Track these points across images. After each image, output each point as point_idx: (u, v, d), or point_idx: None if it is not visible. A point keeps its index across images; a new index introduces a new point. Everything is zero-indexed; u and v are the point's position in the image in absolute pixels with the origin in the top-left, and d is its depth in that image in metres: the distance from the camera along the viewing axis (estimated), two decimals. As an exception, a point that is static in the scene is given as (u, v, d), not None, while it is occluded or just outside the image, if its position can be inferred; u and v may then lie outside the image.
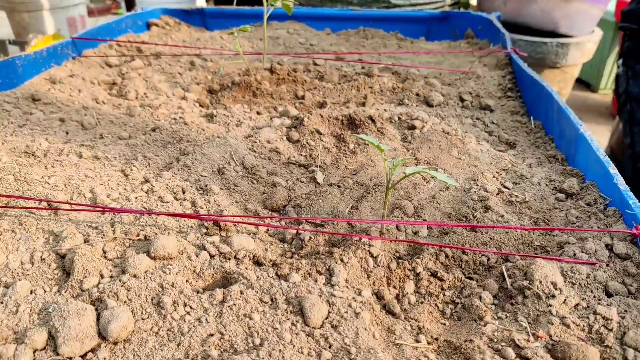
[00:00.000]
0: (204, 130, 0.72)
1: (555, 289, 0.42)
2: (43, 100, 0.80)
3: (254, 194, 0.58)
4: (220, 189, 0.57)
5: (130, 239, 0.48)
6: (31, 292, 0.42)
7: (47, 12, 2.44)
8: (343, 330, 0.38)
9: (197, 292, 0.42)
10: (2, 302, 0.40)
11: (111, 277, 0.43)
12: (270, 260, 0.46)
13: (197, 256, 0.46)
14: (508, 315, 0.42)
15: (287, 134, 0.71)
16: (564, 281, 0.44)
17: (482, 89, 0.92)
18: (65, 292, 0.41)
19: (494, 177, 0.62)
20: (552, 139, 0.74)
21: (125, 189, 0.56)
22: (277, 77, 0.94)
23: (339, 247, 0.47)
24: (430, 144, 0.70)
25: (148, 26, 1.29)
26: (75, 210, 0.51)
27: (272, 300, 0.40)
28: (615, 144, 1.22)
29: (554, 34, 2.13)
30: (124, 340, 0.37)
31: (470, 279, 0.47)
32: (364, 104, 0.84)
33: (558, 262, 0.46)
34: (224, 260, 0.46)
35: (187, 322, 0.38)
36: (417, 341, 0.39)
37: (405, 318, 0.42)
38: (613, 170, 0.56)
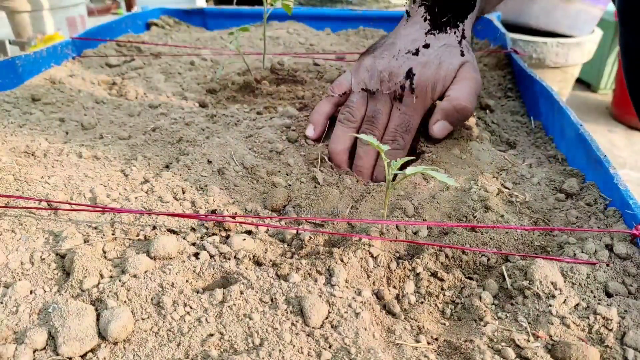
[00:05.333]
0: (203, 130, 0.72)
1: (555, 289, 0.42)
2: (43, 100, 0.80)
3: (253, 194, 0.58)
4: (220, 189, 0.57)
5: (130, 239, 0.48)
6: (31, 292, 0.42)
7: (47, 12, 2.44)
8: (343, 330, 0.38)
9: (197, 292, 0.42)
10: (2, 302, 0.40)
11: (111, 277, 0.43)
12: (270, 261, 0.46)
13: (197, 256, 0.46)
14: (508, 315, 0.42)
15: (287, 133, 0.71)
16: (564, 281, 0.44)
17: (482, 89, 0.92)
18: (65, 292, 0.41)
19: (494, 177, 0.62)
20: (552, 139, 0.74)
21: (125, 189, 0.56)
22: (277, 77, 0.94)
23: (339, 247, 0.47)
24: (430, 144, 0.70)
25: (148, 26, 1.29)
26: (75, 210, 0.51)
27: (272, 300, 0.40)
28: None
29: (554, 34, 2.13)
30: (124, 340, 0.37)
31: (470, 279, 0.46)
32: (364, 104, 0.84)
33: (558, 262, 0.46)
34: (224, 260, 0.46)
35: (187, 322, 0.38)
36: (417, 341, 0.39)
37: (405, 318, 0.42)
38: (613, 170, 0.56)
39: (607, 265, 0.46)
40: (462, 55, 0.70)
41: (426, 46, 0.68)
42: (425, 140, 0.70)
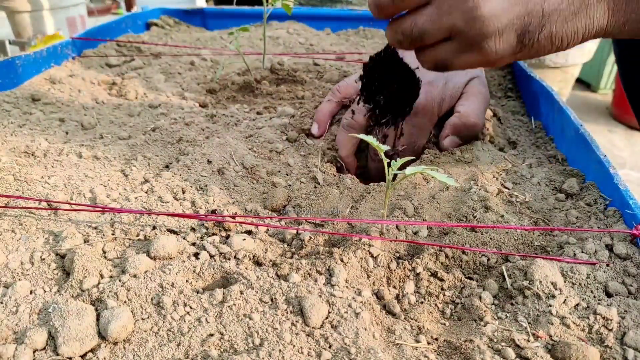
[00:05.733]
0: (203, 130, 0.72)
1: (555, 289, 0.42)
2: (43, 100, 0.80)
3: (253, 194, 0.58)
4: (220, 189, 0.57)
5: (130, 239, 0.48)
6: (31, 292, 0.42)
7: (47, 12, 2.44)
8: (343, 330, 0.38)
9: (197, 292, 0.42)
10: (2, 302, 0.40)
11: (111, 277, 0.43)
12: (270, 261, 0.46)
13: (196, 256, 0.46)
14: (508, 315, 0.42)
15: (287, 133, 0.71)
16: (564, 281, 0.44)
17: (482, 89, 0.92)
18: (65, 292, 0.41)
19: (494, 177, 0.62)
20: (552, 139, 0.74)
21: (125, 189, 0.56)
22: (277, 77, 0.94)
23: (339, 247, 0.47)
24: (430, 144, 0.70)
25: (148, 26, 1.29)
26: (75, 210, 0.51)
27: (272, 300, 0.40)
28: None
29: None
30: (124, 340, 0.37)
31: (470, 279, 0.46)
32: (364, 104, 0.84)
33: (558, 262, 0.46)
34: (224, 260, 0.46)
35: (187, 322, 0.38)
36: (417, 341, 0.39)
37: (405, 318, 0.42)
38: (613, 170, 0.56)
39: (607, 265, 0.46)
40: (471, 70, 0.70)
41: None
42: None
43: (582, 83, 3.28)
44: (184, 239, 0.49)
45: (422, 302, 0.44)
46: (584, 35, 0.46)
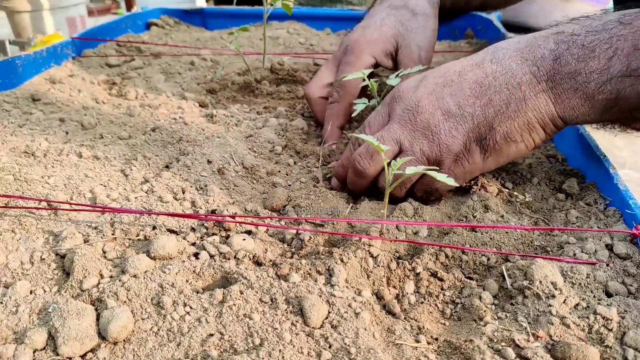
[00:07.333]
0: (203, 130, 0.72)
1: (555, 289, 0.42)
2: (43, 100, 0.80)
3: (253, 194, 0.58)
4: (220, 189, 0.57)
5: (130, 239, 0.48)
6: (31, 292, 0.42)
7: (47, 12, 2.44)
8: (343, 330, 0.38)
9: (197, 292, 0.42)
10: (1, 302, 0.40)
11: (111, 277, 0.43)
12: (270, 261, 0.46)
13: (196, 256, 0.46)
14: (508, 315, 0.42)
15: (287, 133, 0.71)
16: (564, 281, 0.44)
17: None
18: (65, 292, 0.41)
19: (494, 177, 0.62)
20: (552, 138, 0.74)
21: (125, 189, 0.56)
22: (277, 77, 0.94)
23: (338, 247, 0.47)
24: (430, 144, 0.70)
25: (148, 26, 1.29)
26: (75, 210, 0.51)
27: (272, 300, 0.40)
28: None
29: (554, 34, 2.12)
30: (124, 340, 0.37)
31: (470, 279, 0.46)
32: (364, 104, 0.84)
33: (558, 262, 0.46)
34: (224, 260, 0.46)
35: (187, 322, 0.38)
36: (417, 341, 0.39)
37: (405, 318, 0.42)
38: (613, 170, 0.56)
39: (607, 265, 0.46)
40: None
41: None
42: None
43: (582, 83, 3.28)
44: (184, 239, 0.49)
45: (422, 302, 0.44)
46: (539, 124, 0.51)
